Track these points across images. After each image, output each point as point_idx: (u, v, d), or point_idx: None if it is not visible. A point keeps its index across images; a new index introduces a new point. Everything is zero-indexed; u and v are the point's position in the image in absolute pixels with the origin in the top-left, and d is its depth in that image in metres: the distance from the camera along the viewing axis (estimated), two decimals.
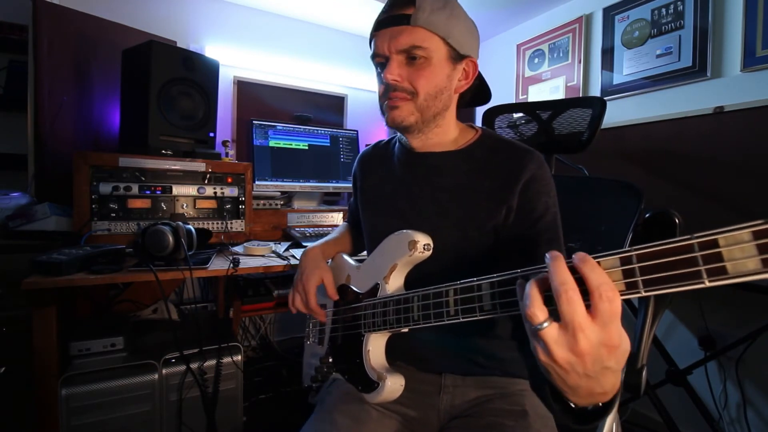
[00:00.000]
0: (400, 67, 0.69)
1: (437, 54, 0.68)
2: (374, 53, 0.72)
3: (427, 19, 0.66)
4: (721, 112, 1.44)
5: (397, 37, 0.67)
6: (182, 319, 1.55)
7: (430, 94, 0.69)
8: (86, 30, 1.57)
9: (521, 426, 0.66)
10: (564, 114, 1.15)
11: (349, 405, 0.72)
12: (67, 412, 1.01)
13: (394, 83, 0.69)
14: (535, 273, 0.43)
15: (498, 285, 0.48)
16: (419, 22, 0.66)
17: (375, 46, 0.71)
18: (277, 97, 2.20)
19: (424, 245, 0.66)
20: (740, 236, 0.31)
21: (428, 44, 0.67)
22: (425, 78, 0.68)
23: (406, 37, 0.67)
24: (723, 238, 0.32)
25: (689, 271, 0.33)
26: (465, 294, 0.52)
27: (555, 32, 2.10)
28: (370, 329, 0.70)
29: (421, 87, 0.69)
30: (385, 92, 0.71)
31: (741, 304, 1.41)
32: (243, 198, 1.51)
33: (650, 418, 1.60)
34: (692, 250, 0.33)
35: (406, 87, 0.69)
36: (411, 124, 0.72)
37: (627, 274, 0.37)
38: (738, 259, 0.31)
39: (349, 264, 0.85)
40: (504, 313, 0.47)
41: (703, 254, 0.33)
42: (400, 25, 0.67)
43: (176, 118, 1.41)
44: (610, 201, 0.97)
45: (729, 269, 0.32)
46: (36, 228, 1.23)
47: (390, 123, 0.73)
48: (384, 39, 0.69)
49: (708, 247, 0.33)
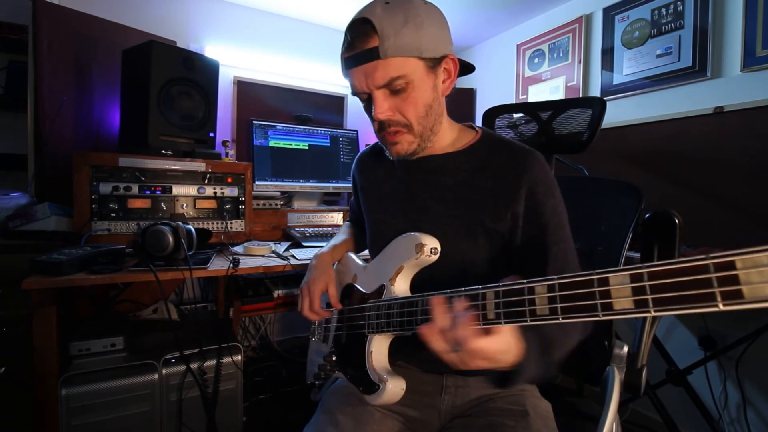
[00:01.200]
0: (387, 101, 0.67)
1: (416, 74, 0.66)
2: (353, 91, 0.70)
3: (395, 45, 0.63)
4: (721, 112, 1.44)
5: (373, 74, 0.65)
6: (182, 319, 1.55)
7: (421, 116, 0.69)
8: (86, 30, 1.57)
9: (522, 426, 0.65)
10: (564, 114, 1.15)
11: (352, 406, 0.72)
12: (67, 412, 1.01)
13: (387, 119, 0.68)
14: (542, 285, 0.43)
15: (503, 295, 0.47)
16: (389, 53, 0.63)
17: (353, 85, 0.69)
18: (277, 97, 2.20)
19: (432, 249, 0.66)
20: (759, 259, 0.29)
21: (405, 70, 0.65)
22: (413, 105, 0.67)
23: (381, 72, 0.64)
24: (740, 260, 0.30)
25: (703, 293, 0.32)
26: (470, 302, 0.51)
27: (555, 32, 2.10)
28: (373, 330, 0.70)
29: (412, 115, 0.68)
30: (381, 128, 0.71)
31: None
32: (243, 198, 1.51)
33: (650, 418, 1.60)
34: (707, 271, 0.32)
35: (399, 120, 0.68)
36: (414, 150, 0.72)
37: (636, 291, 0.36)
38: (755, 283, 0.29)
39: (356, 263, 0.85)
40: (507, 322, 0.47)
41: (719, 276, 0.31)
42: (370, 62, 0.64)
43: (176, 118, 1.41)
44: (610, 201, 0.97)
45: (745, 293, 0.30)
46: (36, 228, 1.23)
47: (395, 155, 0.73)
48: (359, 77, 0.67)
49: (724, 268, 0.31)
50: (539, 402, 0.73)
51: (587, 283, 0.39)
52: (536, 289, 0.44)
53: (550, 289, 0.43)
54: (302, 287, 0.85)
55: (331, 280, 0.83)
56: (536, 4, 2.10)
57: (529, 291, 0.45)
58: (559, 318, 0.42)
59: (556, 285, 0.42)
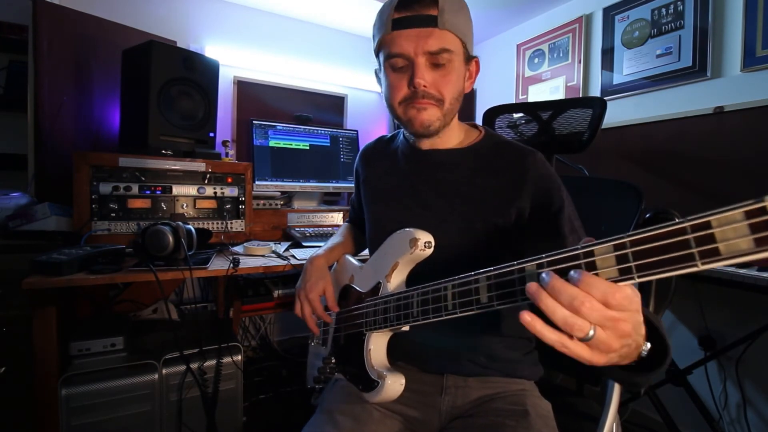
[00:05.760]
0: (428, 71, 0.66)
1: (458, 57, 0.67)
2: (392, 53, 0.67)
3: (452, 21, 0.64)
4: (721, 112, 1.44)
5: (427, 39, 0.64)
6: (182, 319, 1.55)
7: (454, 98, 0.69)
8: (86, 30, 1.57)
9: (522, 426, 0.65)
10: (564, 114, 1.15)
11: (351, 405, 0.72)
12: (67, 412, 1.01)
13: (424, 90, 0.66)
14: (532, 264, 0.44)
15: (495, 278, 0.48)
16: (446, 25, 0.64)
17: (396, 45, 0.66)
18: (277, 97, 2.20)
19: (425, 243, 0.66)
20: (733, 216, 0.31)
21: (454, 47, 0.65)
22: (452, 84, 0.67)
23: (436, 40, 0.64)
24: (716, 219, 0.32)
25: (681, 254, 0.33)
26: (462, 288, 0.52)
27: (555, 32, 2.10)
28: (371, 328, 0.70)
29: (448, 93, 0.68)
30: (411, 97, 0.68)
31: (741, 304, 1.41)
32: (243, 198, 1.51)
33: (650, 418, 1.60)
34: (685, 233, 0.33)
35: (434, 94, 0.67)
36: (437, 128, 0.71)
37: (620, 260, 0.37)
38: (731, 239, 0.31)
39: (353, 264, 0.86)
40: (500, 305, 0.47)
41: (696, 236, 0.32)
42: (427, 27, 0.64)
43: (176, 118, 1.41)
44: (610, 201, 0.97)
45: (722, 250, 0.31)
46: (36, 228, 1.23)
47: (418, 126, 0.70)
48: (409, 40, 0.65)
49: (701, 228, 0.32)
50: (539, 402, 0.73)
51: (574, 257, 0.40)
52: (526, 268, 0.45)
53: (540, 267, 0.43)
54: (298, 291, 0.83)
55: (328, 283, 0.83)
56: (536, 4, 2.10)
57: (519, 271, 0.45)
58: None
59: (545, 263, 0.43)
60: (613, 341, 0.39)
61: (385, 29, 0.67)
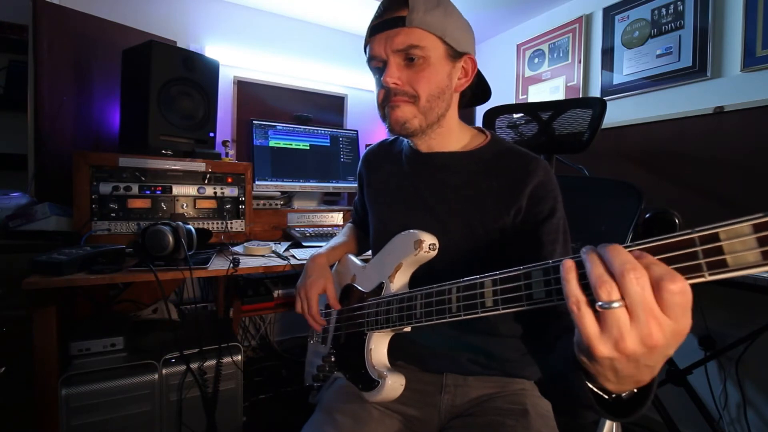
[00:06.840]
0: (400, 70, 0.67)
1: (435, 53, 0.67)
2: (370, 57, 0.70)
3: (422, 19, 0.65)
4: (721, 112, 1.44)
5: (394, 38, 0.66)
6: (182, 319, 1.54)
7: (432, 95, 0.68)
8: (86, 30, 1.57)
9: (522, 425, 0.65)
10: (564, 114, 1.15)
11: (350, 405, 0.72)
12: (67, 412, 1.01)
13: (394, 87, 0.67)
14: (538, 269, 0.43)
15: (500, 282, 0.48)
16: (414, 23, 0.65)
17: (371, 49, 0.69)
18: (277, 97, 2.20)
19: (430, 245, 0.66)
20: (741, 229, 0.31)
21: (425, 43, 0.66)
22: (425, 79, 0.67)
23: (403, 38, 0.66)
24: (723, 232, 0.32)
25: (689, 265, 0.33)
26: (467, 291, 0.52)
27: (555, 32, 2.10)
28: (372, 328, 0.70)
29: (423, 89, 0.68)
30: (386, 97, 0.70)
31: (741, 304, 1.41)
32: (243, 198, 1.51)
33: (650, 418, 1.60)
34: (693, 245, 0.33)
35: (407, 90, 0.68)
36: (415, 128, 0.70)
37: None
38: (738, 252, 0.31)
39: (355, 264, 0.86)
40: (506, 310, 0.47)
41: (704, 248, 0.33)
42: (395, 27, 0.66)
43: (176, 118, 1.41)
44: (610, 201, 0.97)
45: (729, 262, 0.32)
46: (36, 228, 1.23)
47: (393, 125, 0.70)
48: (380, 42, 0.67)
49: (709, 240, 0.33)
50: (539, 401, 0.73)
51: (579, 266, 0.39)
52: (532, 273, 0.44)
53: (546, 273, 0.43)
54: (299, 288, 0.84)
55: (329, 281, 0.83)
56: (536, 4, 2.10)
57: (525, 276, 0.45)
58: (553, 300, 0.42)
59: (551, 269, 0.42)
60: (630, 336, 0.32)
61: (366, 36, 0.72)
